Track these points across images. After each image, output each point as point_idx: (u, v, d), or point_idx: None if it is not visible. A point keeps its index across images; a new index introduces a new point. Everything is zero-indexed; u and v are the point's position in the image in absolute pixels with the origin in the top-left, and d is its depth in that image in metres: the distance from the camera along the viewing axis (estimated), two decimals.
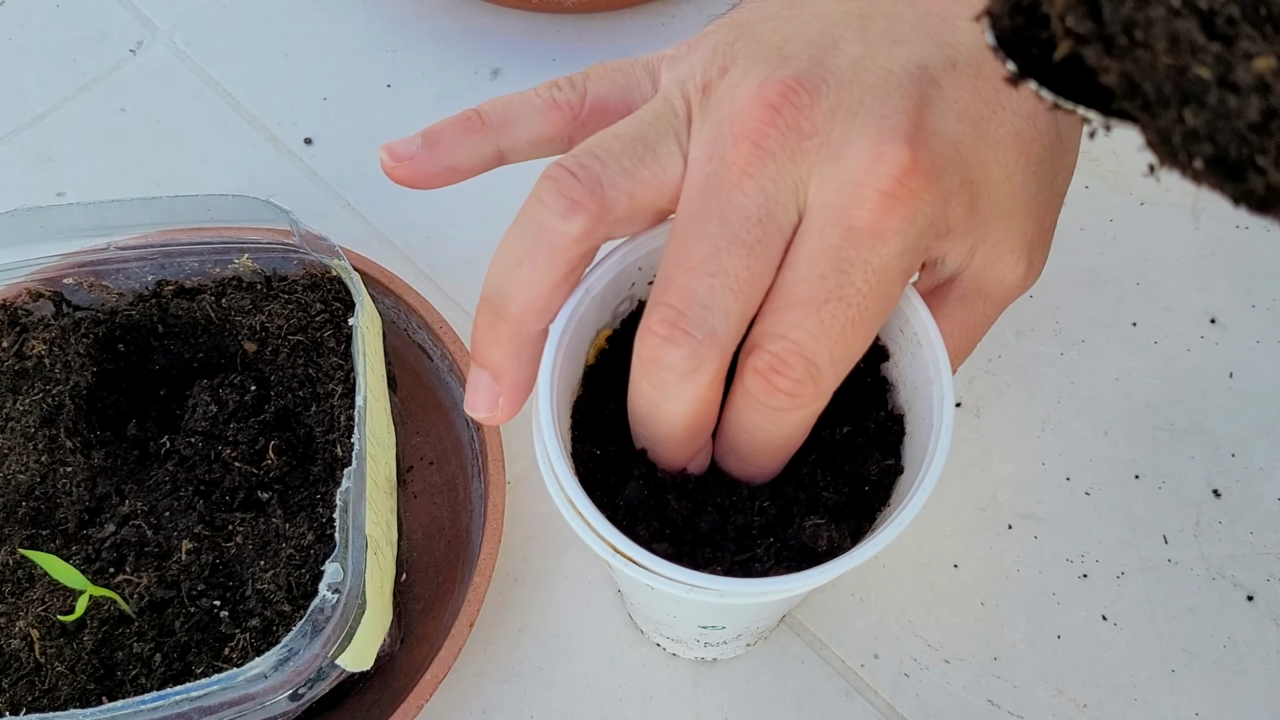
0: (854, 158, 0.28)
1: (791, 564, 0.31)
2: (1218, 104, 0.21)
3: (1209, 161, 0.21)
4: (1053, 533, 0.47)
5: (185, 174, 0.59)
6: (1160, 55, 0.21)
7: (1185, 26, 0.21)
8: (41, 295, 0.47)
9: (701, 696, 0.44)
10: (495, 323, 0.31)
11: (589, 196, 0.29)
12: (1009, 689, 0.44)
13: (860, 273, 0.28)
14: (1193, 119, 0.21)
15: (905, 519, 0.29)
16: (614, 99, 0.34)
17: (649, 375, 0.29)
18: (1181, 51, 0.21)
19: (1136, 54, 0.21)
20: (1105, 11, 0.21)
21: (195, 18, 0.65)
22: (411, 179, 0.35)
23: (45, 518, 0.42)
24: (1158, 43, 0.21)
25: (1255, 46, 0.21)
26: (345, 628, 0.36)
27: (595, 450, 0.34)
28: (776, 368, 0.28)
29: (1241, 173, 0.21)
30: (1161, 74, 0.21)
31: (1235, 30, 0.21)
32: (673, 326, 0.28)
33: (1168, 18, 0.21)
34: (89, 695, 0.38)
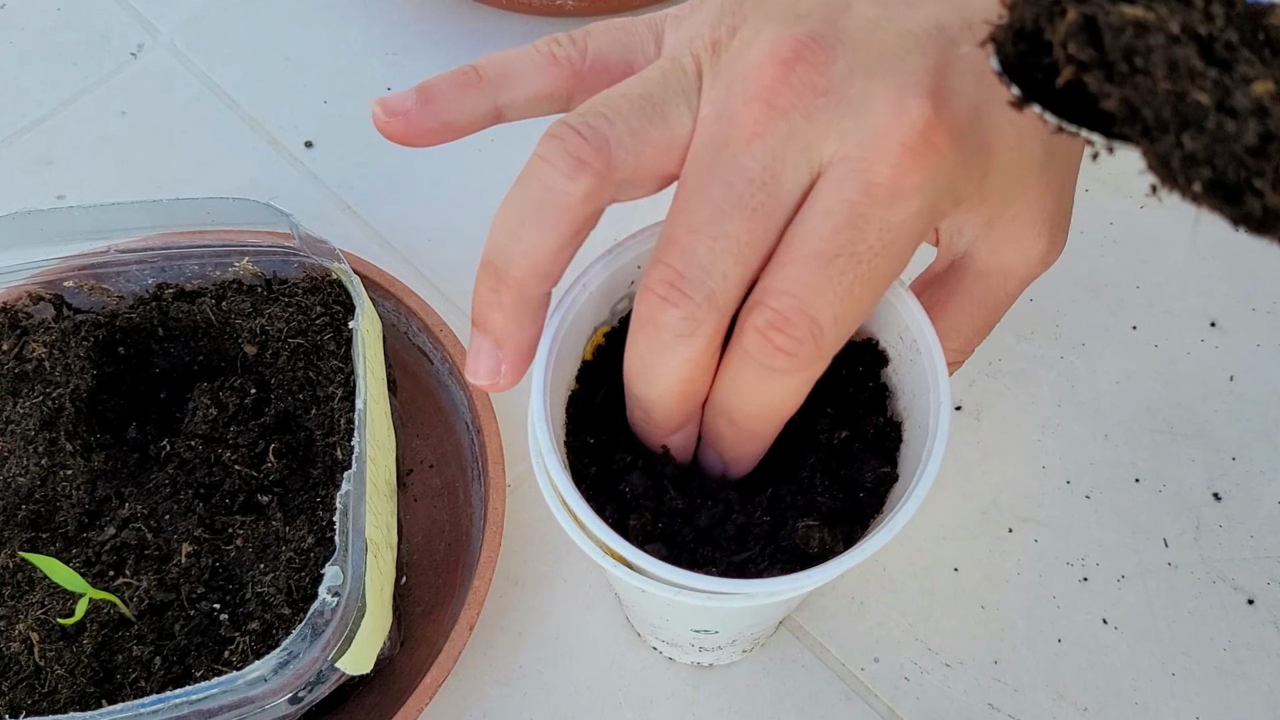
0: (876, 112, 0.27)
1: (785, 566, 0.31)
2: (1216, 128, 0.21)
3: (1207, 184, 0.21)
4: (1053, 536, 0.47)
5: (186, 177, 0.59)
6: (1159, 81, 0.21)
7: (1184, 53, 0.21)
8: (42, 298, 0.47)
9: (701, 700, 0.44)
10: (497, 286, 0.30)
11: (595, 155, 0.28)
12: (1009, 692, 0.44)
13: (875, 230, 0.27)
14: (1191, 143, 0.21)
15: (896, 525, 0.29)
16: (615, 56, 0.33)
17: (646, 334, 0.29)
18: (1180, 78, 0.21)
19: (1136, 81, 0.22)
20: (1106, 39, 0.22)
21: (196, 21, 0.65)
22: (405, 134, 0.34)
23: (45, 521, 0.42)
24: (1157, 69, 0.21)
25: (1254, 71, 0.21)
26: (345, 631, 0.36)
27: (589, 440, 0.34)
28: (777, 324, 0.27)
29: (1239, 195, 0.21)
30: (1161, 100, 0.21)
31: (1234, 55, 0.22)
32: (671, 287, 0.27)
33: (1167, 45, 0.21)
34: (88, 698, 0.38)
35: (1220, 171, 0.21)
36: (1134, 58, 0.22)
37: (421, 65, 0.62)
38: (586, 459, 0.34)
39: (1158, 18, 0.22)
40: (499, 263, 0.29)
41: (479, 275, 0.30)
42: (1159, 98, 0.22)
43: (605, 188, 0.29)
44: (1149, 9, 0.22)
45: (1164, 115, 0.22)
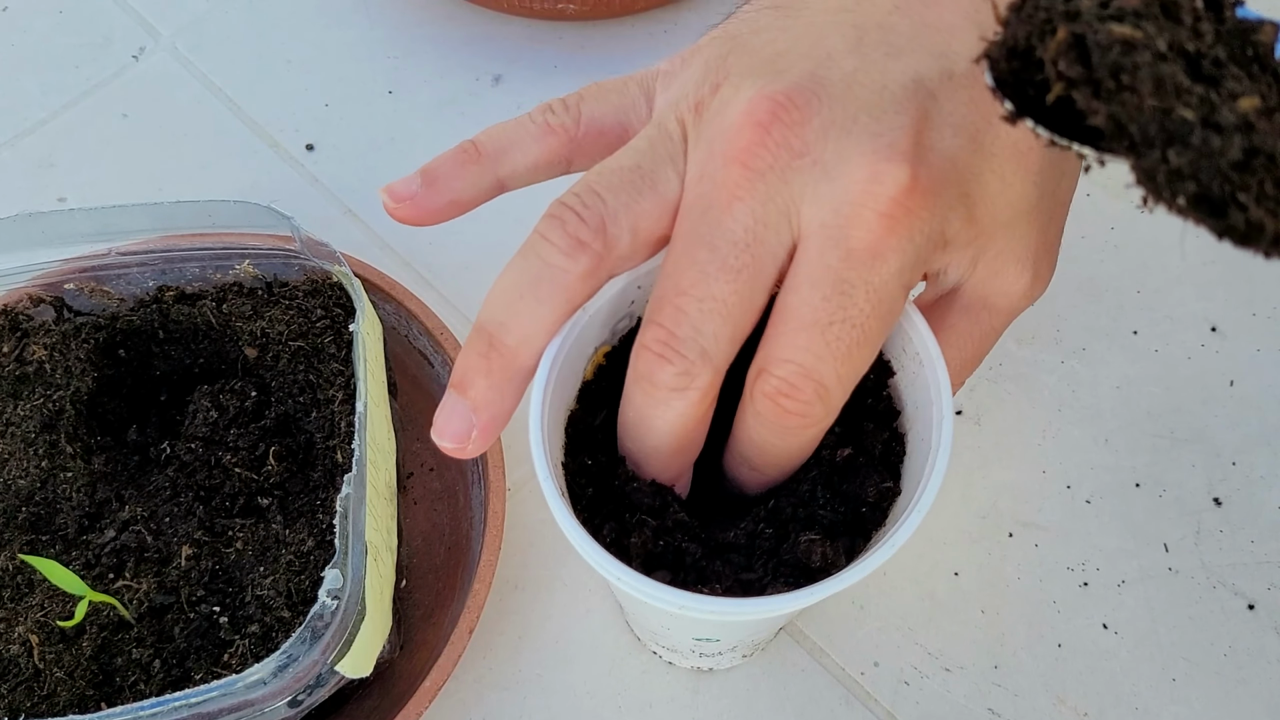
0: (849, 177, 0.28)
1: (787, 580, 0.30)
2: (1201, 144, 0.22)
3: (1192, 198, 0.22)
4: (1053, 541, 0.47)
5: (187, 180, 0.59)
6: (1146, 98, 0.22)
7: (1170, 70, 0.22)
8: (42, 300, 0.47)
9: (701, 704, 0.44)
10: (488, 352, 0.30)
11: (594, 236, 0.29)
12: (1009, 697, 0.44)
13: (862, 292, 0.28)
14: (1177, 158, 0.21)
15: (899, 540, 0.29)
16: (609, 120, 0.34)
17: (641, 389, 0.30)
18: (1166, 94, 0.22)
19: (1123, 97, 0.22)
20: (1094, 57, 0.22)
21: (197, 24, 0.65)
22: (414, 218, 0.35)
23: (45, 523, 0.42)
24: (1143, 86, 0.22)
25: (1241, 87, 0.22)
26: (345, 634, 0.36)
27: (588, 461, 0.34)
28: (785, 391, 0.28)
29: (1224, 209, 0.22)
30: (1147, 116, 0.22)
31: (1221, 72, 0.23)
32: (665, 345, 0.28)
33: (1154, 62, 0.22)
34: (88, 701, 0.38)
35: (1205, 186, 0.22)
36: (1121, 75, 0.22)
37: (422, 68, 0.62)
38: (584, 480, 0.34)
39: (1145, 36, 0.22)
40: (493, 330, 0.30)
41: (470, 339, 0.31)
42: (1145, 114, 0.22)
43: (603, 266, 0.30)
44: (1137, 27, 0.22)
45: (1150, 131, 0.22)
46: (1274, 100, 0.23)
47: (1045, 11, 0.23)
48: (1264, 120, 0.22)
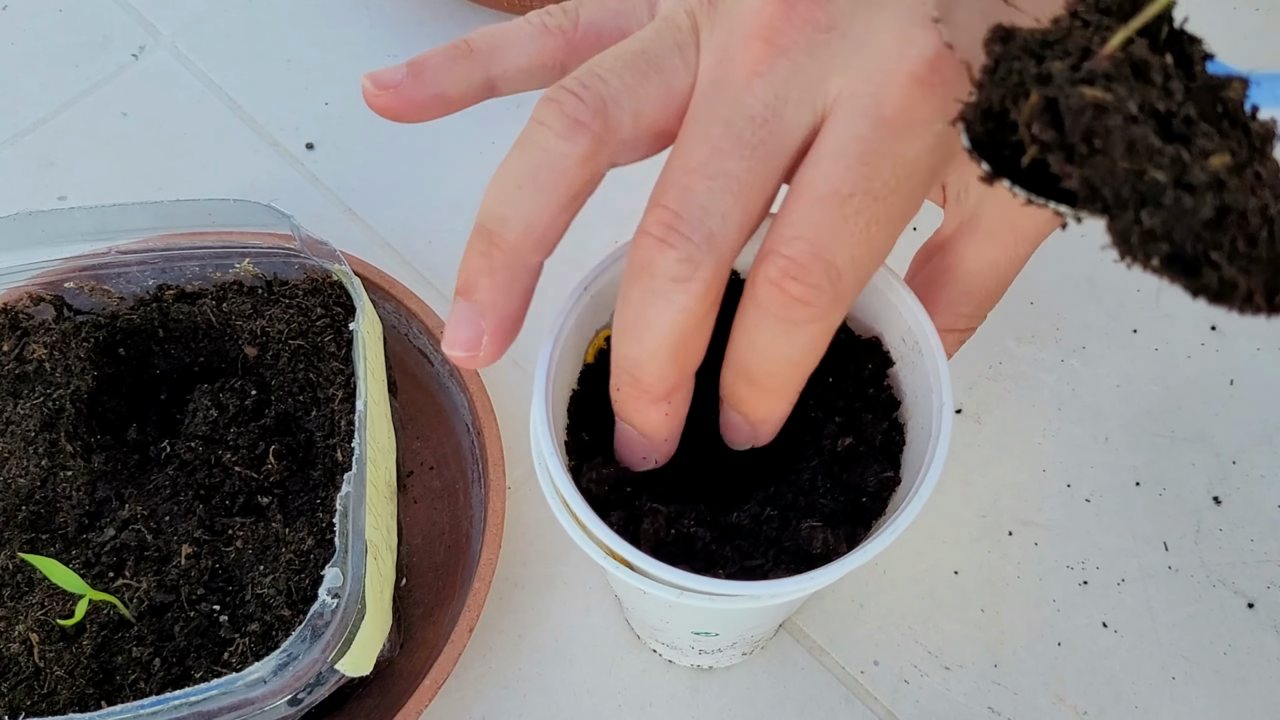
0: (881, 45, 0.26)
1: (788, 567, 0.31)
2: (1173, 204, 0.22)
3: (1166, 259, 0.22)
4: (1053, 539, 0.47)
5: (186, 178, 0.59)
6: (1118, 161, 0.22)
7: (1141, 133, 0.22)
8: (42, 299, 0.47)
9: (701, 703, 0.44)
10: (490, 251, 0.28)
11: (592, 116, 0.27)
12: (1009, 696, 0.44)
13: (889, 166, 0.26)
14: (1149, 219, 0.22)
15: (900, 526, 0.29)
16: (609, 25, 0.32)
17: (640, 282, 0.27)
18: (1138, 156, 0.22)
19: (1095, 161, 0.22)
20: (1066, 121, 0.22)
21: (197, 23, 0.65)
22: (396, 108, 0.32)
23: (45, 522, 0.42)
24: (1115, 150, 0.22)
25: (1212, 144, 0.22)
26: (345, 633, 0.36)
27: (590, 440, 0.34)
28: (791, 273, 0.26)
29: (1197, 269, 0.22)
30: (1119, 178, 0.22)
31: (1192, 130, 0.23)
32: (668, 228, 0.26)
33: (1125, 125, 0.22)
34: (88, 700, 0.38)
35: (1178, 246, 0.22)
36: (1093, 139, 0.22)
37: None
38: (587, 460, 0.34)
39: (1116, 98, 0.22)
40: (493, 226, 0.28)
41: (470, 241, 0.29)
42: (1118, 177, 0.22)
43: (604, 149, 0.28)
44: (1108, 90, 0.22)
45: (1123, 193, 0.22)
46: (1244, 156, 0.23)
47: (1018, 74, 0.24)
48: (1235, 177, 0.22)
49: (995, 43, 0.25)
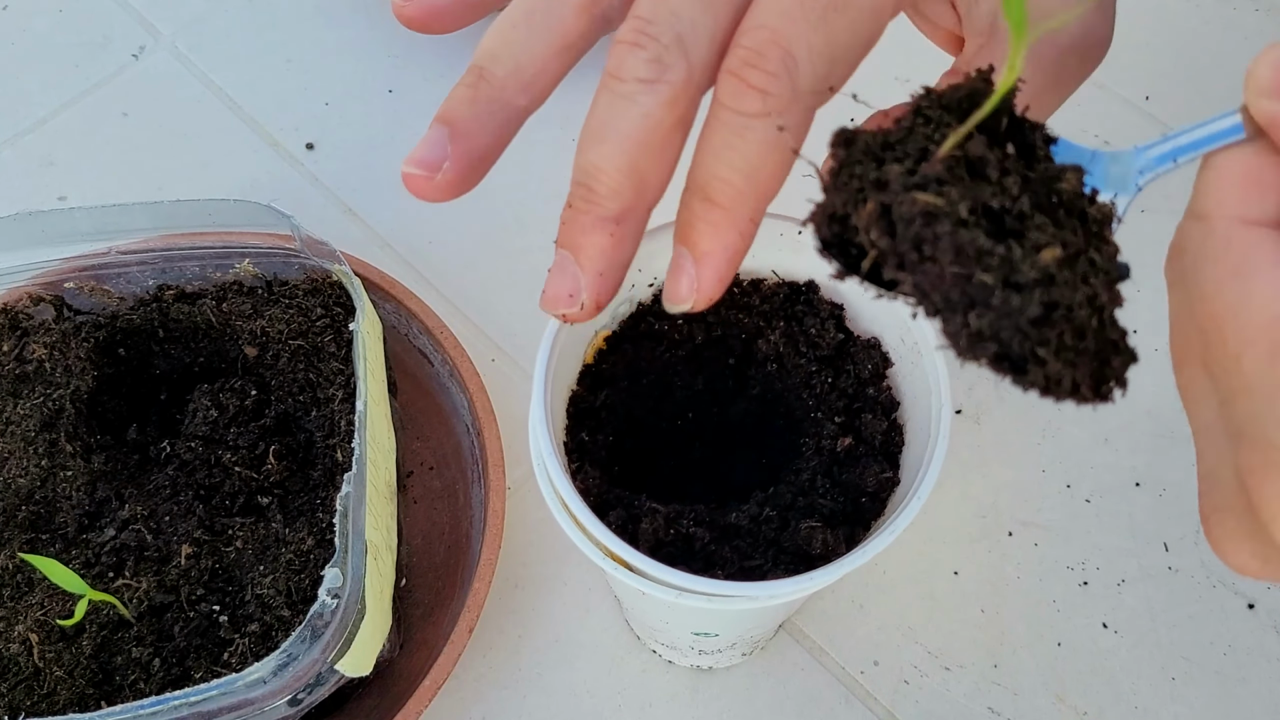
0: None
1: (788, 567, 0.31)
2: (1001, 304, 0.22)
3: (993, 358, 0.23)
4: (1053, 540, 0.47)
5: (187, 179, 0.59)
6: (946, 267, 0.22)
7: (970, 236, 0.22)
8: (42, 299, 0.47)
9: (701, 703, 0.44)
10: (476, 84, 0.28)
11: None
12: (1009, 696, 0.44)
13: None
14: (977, 321, 0.22)
15: (899, 527, 0.29)
16: None
17: (607, 87, 0.27)
18: (966, 261, 0.22)
19: (924, 267, 0.23)
20: (898, 230, 0.23)
21: (197, 23, 0.65)
22: (423, 15, 0.31)
23: (45, 522, 0.42)
24: (944, 256, 0.22)
25: (1045, 237, 0.23)
26: (344, 633, 0.36)
27: (589, 440, 0.34)
28: (750, 60, 0.25)
29: (1023, 366, 0.22)
30: (948, 283, 0.22)
31: (1026, 224, 0.23)
32: (638, 33, 0.26)
33: (953, 231, 0.22)
34: (87, 700, 0.38)
35: (1006, 345, 0.22)
36: (922, 246, 0.23)
37: (423, 67, 0.62)
38: (587, 460, 0.34)
39: (947, 203, 0.23)
40: (484, 63, 0.28)
41: (460, 78, 0.28)
42: (946, 282, 0.23)
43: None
44: (940, 194, 0.23)
45: (952, 298, 0.23)
46: (1080, 244, 0.24)
47: (858, 180, 0.24)
48: (1067, 269, 0.23)
49: (839, 146, 0.25)
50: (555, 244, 0.29)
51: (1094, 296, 0.23)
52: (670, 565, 0.29)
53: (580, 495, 0.30)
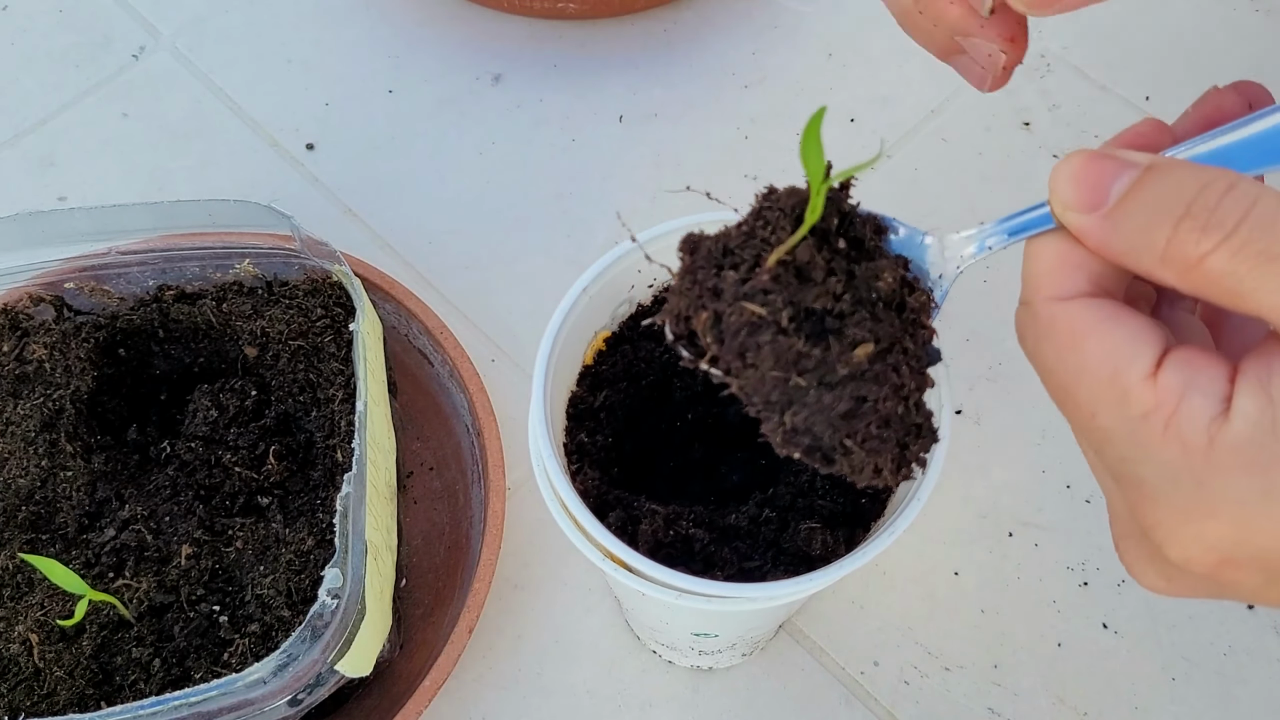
0: None
1: (788, 568, 0.31)
2: (815, 402, 0.25)
3: (806, 449, 0.25)
4: (1053, 540, 0.47)
5: (187, 179, 0.59)
6: (767, 372, 0.25)
7: (789, 343, 0.25)
8: (42, 300, 0.47)
9: (701, 703, 0.44)
10: None
11: None
12: (1009, 696, 0.44)
13: None
14: (792, 419, 0.25)
15: (898, 529, 0.29)
16: None
17: None
18: (785, 366, 0.25)
19: (747, 373, 0.25)
20: (726, 339, 0.26)
21: (198, 23, 0.65)
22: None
23: (45, 522, 0.42)
24: (764, 363, 0.25)
25: (861, 332, 0.25)
26: (345, 633, 0.36)
27: (588, 441, 0.34)
28: None
29: (831, 457, 0.25)
30: (769, 386, 0.25)
31: (844, 322, 0.26)
32: None
33: (774, 340, 0.25)
34: (88, 700, 0.38)
35: (817, 439, 0.25)
36: (746, 354, 0.26)
37: (422, 68, 0.62)
38: (586, 461, 0.34)
39: (771, 312, 0.26)
40: None
41: None
42: (766, 385, 0.26)
43: None
44: (765, 304, 0.26)
45: (771, 399, 0.25)
46: (892, 337, 0.27)
47: (698, 287, 0.27)
48: (878, 363, 0.26)
49: (685, 252, 0.28)
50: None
51: (901, 386, 0.26)
52: (670, 566, 0.29)
53: (580, 496, 0.30)
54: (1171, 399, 0.22)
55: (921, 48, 0.30)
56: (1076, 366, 0.23)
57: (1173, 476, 0.22)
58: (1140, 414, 0.22)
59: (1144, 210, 0.22)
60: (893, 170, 0.57)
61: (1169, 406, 0.22)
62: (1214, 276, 0.21)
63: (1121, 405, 0.23)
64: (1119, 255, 0.23)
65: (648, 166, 0.58)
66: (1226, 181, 0.22)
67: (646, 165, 0.58)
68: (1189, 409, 0.22)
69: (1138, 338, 0.23)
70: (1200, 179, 0.22)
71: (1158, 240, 0.22)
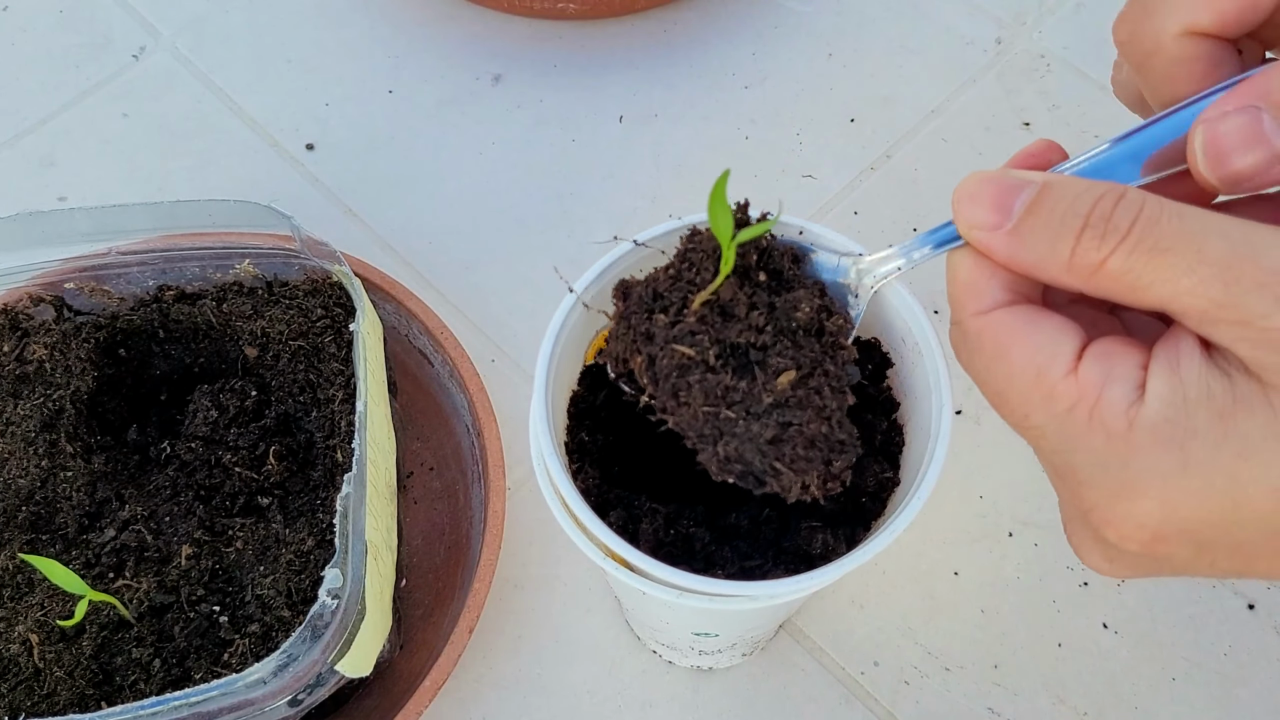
0: None
1: (788, 567, 0.31)
2: (744, 431, 0.27)
3: (740, 475, 0.27)
4: (1053, 540, 0.47)
5: (187, 179, 0.59)
6: (699, 408, 0.27)
7: (716, 381, 0.27)
8: (43, 300, 0.47)
9: (700, 704, 0.44)
10: None
11: None
12: (1009, 696, 0.44)
13: None
14: (724, 449, 0.27)
15: (899, 527, 0.29)
16: None
17: None
18: (715, 400, 0.27)
19: (682, 411, 0.28)
20: (659, 380, 0.28)
21: (198, 24, 0.65)
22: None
23: (45, 522, 0.42)
24: (695, 400, 0.27)
25: (784, 361, 0.28)
26: (345, 633, 0.36)
27: (589, 440, 0.34)
28: None
29: (762, 479, 0.27)
30: (702, 421, 0.27)
31: (768, 354, 0.28)
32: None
33: (702, 377, 0.27)
34: (88, 700, 0.38)
35: (748, 464, 0.27)
36: (679, 394, 0.28)
37: (422, 68, 0.62)
38: (587, 460, 0.34)
39: (699, 351, 0.28)
40: None
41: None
42: (699, 420, 0.28)
43: None
44: (693, 344, 0.28)
45: (705, 432, 0.28)
46: (813, 360, 0.28)
47: (633, 331, 0.29)
48: (801, 387, 0.28)
49: (619, 298, 0.30)
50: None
51: (823, 408, 0.28)
52: (671, 565, 0.29)
53: (581, 495, 0.30)
54: (1092, 391, 0.23)
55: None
56: (1005, 373, 0.25)
57: (1101, 462, 0.23)
58: (1066, 408, 0.24)
59: (1046, 224, 0.24)
60: (893, 170, 0.57)
61: (1090, 398, 0.23)
62: (1115, 275, 0.23)
63: (1049, 402, 0.24)
64: (1027, 267, 0.25)
65: (648, 167, 0.58)
66: (1116, 193, 0.23)
67: (646, 165, 0.58)
68: (1108, 398, 0.23)
69: (1056, 338, 0.24)
70: (1094, 191, 0.23)
71: (1062, 251, 0.24)
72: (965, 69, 0.60)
